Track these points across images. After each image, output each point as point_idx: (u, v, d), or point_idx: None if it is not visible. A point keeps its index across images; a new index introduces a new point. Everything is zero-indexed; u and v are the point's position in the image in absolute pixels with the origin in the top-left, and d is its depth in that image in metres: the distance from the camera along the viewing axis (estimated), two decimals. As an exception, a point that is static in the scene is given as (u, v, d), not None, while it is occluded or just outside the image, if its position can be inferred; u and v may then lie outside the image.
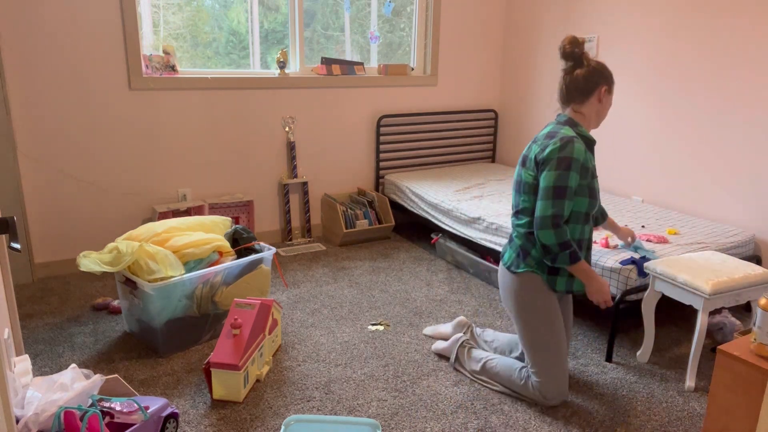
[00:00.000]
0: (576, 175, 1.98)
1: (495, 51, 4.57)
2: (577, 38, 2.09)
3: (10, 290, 1.81)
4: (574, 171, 1.97)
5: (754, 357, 1.60)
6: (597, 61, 2.12)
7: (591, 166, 2.05)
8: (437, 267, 3.55)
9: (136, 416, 1.79)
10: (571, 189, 1.98)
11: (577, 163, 1.97)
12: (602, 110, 2.12)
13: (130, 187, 3.45)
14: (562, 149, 1.97)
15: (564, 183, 1.97)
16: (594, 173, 2.08)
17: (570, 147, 1.97)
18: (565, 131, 2.03)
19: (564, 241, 1.98)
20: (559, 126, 2.07)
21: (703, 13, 3.12)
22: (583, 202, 2.03)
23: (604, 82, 2.08)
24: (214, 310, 2.59)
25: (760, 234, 2.98)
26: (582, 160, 1.99)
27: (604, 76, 2.09)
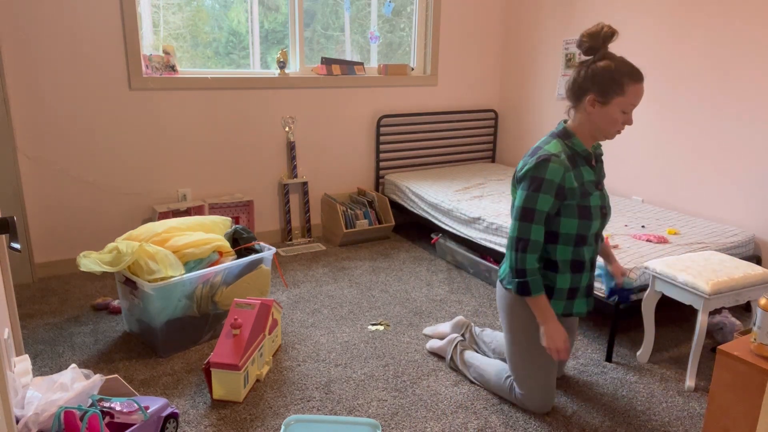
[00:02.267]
0: (548, 197, 1.84)
1: (495, 51, 4.57)
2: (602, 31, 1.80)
3: (10, 290, 1.81)
4: (545, 193, 1.84)
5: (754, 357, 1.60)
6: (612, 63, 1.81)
7: (575, 186, 1.87)
8: (437, 267, 3.55)
9: (136, 416, 1.79)
10: (539, 212, 1.85)
11: (550, 184, 1.83)
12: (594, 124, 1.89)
13: (130, 187, 3.45)
14: (536, 168, 1.85)
15: (531, 205, 1.85)
16: (587, 190, 1.90)
17: (543, 167, 1.83)
18: (549, 147, 1.89)
19: (520, 269, 1.88)
20: (549, 138, 1.94)
21: (703, 12, 3.12)
22: (571, 224, 1.90)
23: (594, 89, 1.83)
24: (214, 310, 2.59)
25: (760, 234, 2.98)
26: (558, 181, 1.83)
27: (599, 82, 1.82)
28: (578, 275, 2.00)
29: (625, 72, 1.80)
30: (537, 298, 1.90)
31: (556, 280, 1.99)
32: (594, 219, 1.92)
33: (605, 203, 1.99)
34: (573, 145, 1.92)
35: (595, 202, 1.93)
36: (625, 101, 1.82)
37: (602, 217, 1.98)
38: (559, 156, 1.86)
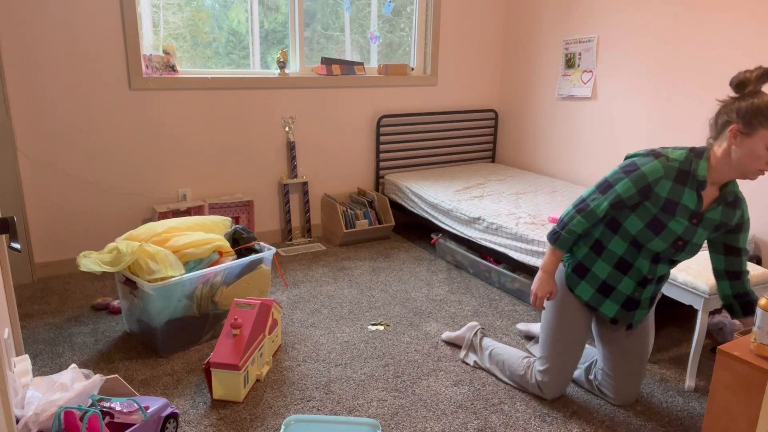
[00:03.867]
0: (631, 186, 1.83)
1: (495, 51, 4.57)
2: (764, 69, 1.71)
3: (10, 290, 1.81)
4: (630, 180, 1.83)
5: (754, 357, 1.60)
6: (763, 99, 1.69)
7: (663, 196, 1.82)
8: (437, 267, 3.55)
9: (136, 416, 1.79)
10: (615, 193, 1.85)
11: (640, 177, 1.82)
12: (735, 158, 1.75)
13: (130, 187, 3.45)
14: (641, 157, 1.85)
15: (613, 182, 1.87)
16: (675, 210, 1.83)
17: (646, 160, 1.83)
18: (672, 151, 1.85)
19: (565, 221, 1.94)
20: (683, 147, 1.87)
21: (703, 12, 3.12)
22: (636, 225, 1.87)
23: (741, 121, 1.73)
24: (214, 310, 2.59)
25: (760, 234, 2.98)
26: (650, 179, 1.81)
27: (746, 115, 1.71)
28: (620, 275, 1.97)
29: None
30: (555, 251, 1.97)
31: (594, 264, 2.00)
32: (660, 239, 1.87)
33: (688, 238, 1.86)
34: (695, 167, 1.82)
35: (676, 227, 1.85)
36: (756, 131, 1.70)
37: (674, 246, 1.88)
38: (671, 161, 1.82)
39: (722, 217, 1.88)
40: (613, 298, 2.01)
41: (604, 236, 1.97)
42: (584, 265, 2.02)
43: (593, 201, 1.90)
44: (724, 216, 1.88)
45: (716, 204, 1.87)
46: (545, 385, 2.13)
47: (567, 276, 2.07)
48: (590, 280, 2.02)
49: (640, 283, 1.97)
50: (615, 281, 1.99)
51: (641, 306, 2.03)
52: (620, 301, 2.01)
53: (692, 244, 1.89)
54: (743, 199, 1.92)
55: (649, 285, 1.98)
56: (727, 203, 1.88)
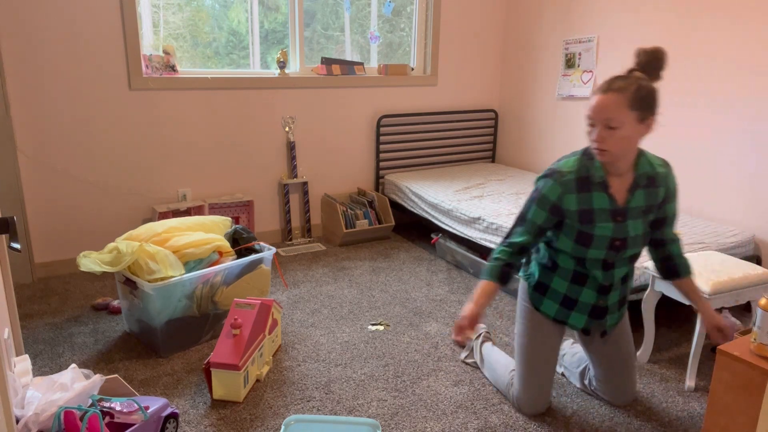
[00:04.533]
0: (541, 212, 1.84)
1: (495, 51, 4.57)
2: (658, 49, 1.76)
3: (10, 290, 1.81)
4: (537, 206, 1.85)
5: (754, 357, 1.60)
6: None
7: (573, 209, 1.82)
8: (437, 267, 3.55)
9: (136, 416, 1.79)
10: (528, 220, 1.87)
11: (543, 200, 1.84)
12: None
13: (130, 187, 3.45)
14: (540, 180, 1.88)
15: (524, 212, 1.90)
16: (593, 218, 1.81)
17: (543, 182, 1.85)
18: (563, 162, 1.87)
19: (493, 254, 1.92)
20: (575, 152, 1.89)
21: (703, 12, 3.12)
22: (566, 243, 1.87)
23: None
24: (214, 310, 2.59)
25: (760, 234, 2.98)
26: (554, 199, 1.82)
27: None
28: (579, 287, 1.95)
29: (598, 84, 1.79)
30: (483, 282, 1.91)
31: (552, 281, 1.99)
32: (595, 248, 1.84)
33: (623, 236, 1.83)
34: (592, 168, 1.83)
35: (603, 231, 1.82)
36: (586, 113, 1.78)
37: (612, 248, 1.84)
38: (564, 176, 1.82)
39: (646, 200, 1.85)
40: (578, 309, 1.98)
41: (553, 255, 1.97)
42: (543, 282, 2.01)
43: (513, 232, 1.92)
44: (647, 199, 1.85)
45: (633, 191, 1.83)
46: (521, 402, 2.09)
47: (530, 295, 2.05)
48: (552, 295, 2.00)
49: (600, 291, 1.95)
50: (575, 293, 1.96)
51: (610, 311, 1.99)
52: (586, 311, 1.98)
53: (633, 239, 1.85)
54: (664, 172, 1.87)
55: (611, 291, 1.95)
56: (646, 186, 1.85)
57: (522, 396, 2.09)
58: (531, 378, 2.07)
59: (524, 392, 2.09)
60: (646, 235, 1.91)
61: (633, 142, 1.75)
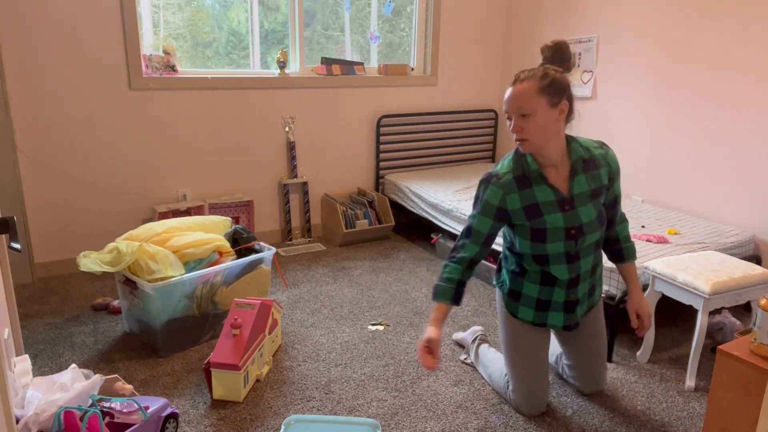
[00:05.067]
0: (485, 219, 1.86)
1: (495, 51, 4.57)
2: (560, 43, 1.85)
3: (10, 290, 1.81)
4: (482, 214, 1.87)
5: (754, 357, 1.60)
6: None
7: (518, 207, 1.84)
8: (437, 267, 3.55)
9: (136, 416, 1.79)
10: (476, 231, 1.88)
11: (487, 206, 1.86)
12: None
13: (130, 187, 3.45)
14: (479, 188, 1.90)
15: (470, 223, 1.90)
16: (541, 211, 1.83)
17: (483, 188, 1.88)
18: (500, 165, 1.90)
19: (441, 270, 1.92)
20: (509, 154, 1.93)
21: (703, 12, 3.12)
22: (524, 244, 1.89)
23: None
24: (214, 310, 2.59)
25: (760, 234, 2.98)
26: (496, 203, 1.84)
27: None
28: (549, 288, 1.97)
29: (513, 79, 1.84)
30: (437, 304, 1.89)
31: (523, 287, 2.01)
32: (552, 241, 1.85)
33: (575, 223, 1.84)
34: (525, 164, 1.87)
35: (555, 223, 1.84)
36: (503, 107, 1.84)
37: (569, 238, 1.85)
38: (501, 177, 1.85)
39: (589, 184, 1.87)
40: (553, 308, 2.00)
41: (520, 260, 1.98)
42: (515, 289, 2.04)
43: (461, 246, 1.91)
44: (591, 182, 1.88)
45: (573, 178, 1.86)
46: (518, 404, 2.10)
47: (506, 303, 2.08)
48: (525, 301, 2.02)
49: (569, 285, 1.95)
50: (547, 295, 1.98)
51: (580, 303, 2.01)
52: (561, 308, 2.00)
53: (587, 225, 1.87)
54: (602, 153, 1.91)
55: (580, 283, 1.96)
56: (585, 170, 1.87)
57: (518, 398, 2.10)
58: (524, 382, 2.08)
59: (520, 395, 2.09)
60: (602, 219, 1.92)
61: (551, 128, 1.79)
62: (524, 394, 2.08)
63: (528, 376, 2.06)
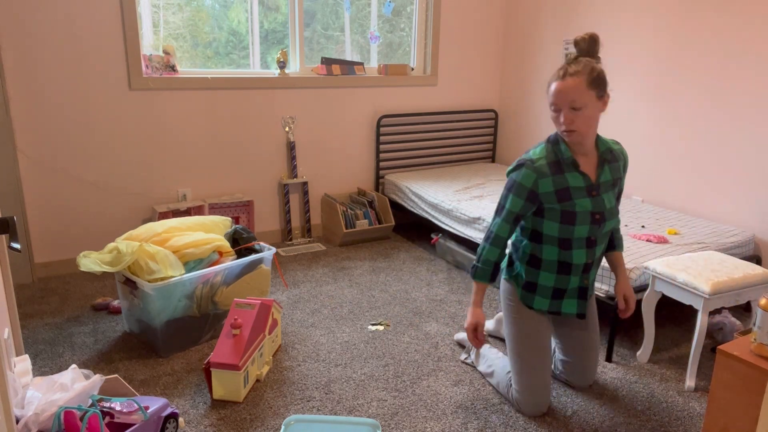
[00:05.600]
0: (518, 199, 1.94)
1: (495, 51, 4.57)
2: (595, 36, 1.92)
3: (10, 290, 1.81)
4: (514, 194, 1.95)
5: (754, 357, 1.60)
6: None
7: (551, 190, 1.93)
8: (437, 267, 3.55)
9: (136, 416, 1.79)
10: (508, 211, 1.97)
11: (519, 188, 1.94)
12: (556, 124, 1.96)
13: (130, 187, 3.45)
14: (513, 171, 1.97)
15: (503, 202, 1.99)
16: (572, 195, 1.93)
17: (518, 171, 1.95)
18: (533, 152, 1.98)
19: (479, 254, 2.03)
20: (540, 143, 2.01)
21: (704, 13, 3.12)
22: (553, 227, 1.96)
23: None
24: (214, 310, 2.59)
25: (760, 234, 2.98)
26: (529, 186, 1.92)
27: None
28: (565, 276, 2.04)
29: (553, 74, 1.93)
30: (477, 283, 2.04)
31: (539, 277, 2.06)
32: (579, 224, 1.95)
33: (600, 209, 1.97)
34: (559, 151, 1.96)
35: (583, 207, 1.94)
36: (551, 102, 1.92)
37: (594, 222, 1.96)
38: (535, 162, 1.94)
39: (612, 174, 2.02)
40: (568, 296, 2.08)
41: (536, 250, 2.04)
42: (531, 281, 2.08)
43: (495, 226, 2.01)
44: (613, 173, 2.02)
45: (601, 167, 1.99)
46: (522, 403, 2.10)
47: (521, 296, 2.11)
48: (542, 291, 2.08)
49: (584, 271, 2.05)
50: (564, 283, 2.06)
51: (590, 289, 2.12)
52: (576, 295, 2.09)
53: (609, 211, 2.00)
54: (618, 148, 2.08)
55: (592, 269, 2.07)
56: (610, 161, 2.02)
57: (522, 398, 2.09)
58: (530, 379, 2.07)
59: (524, 394, 2.09)
60: (616, 207, 2.06)
61: (595, 120, 1.91)
62: (530, 392, 2.07)
63: (534, 369, 2.07)
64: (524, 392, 2.09)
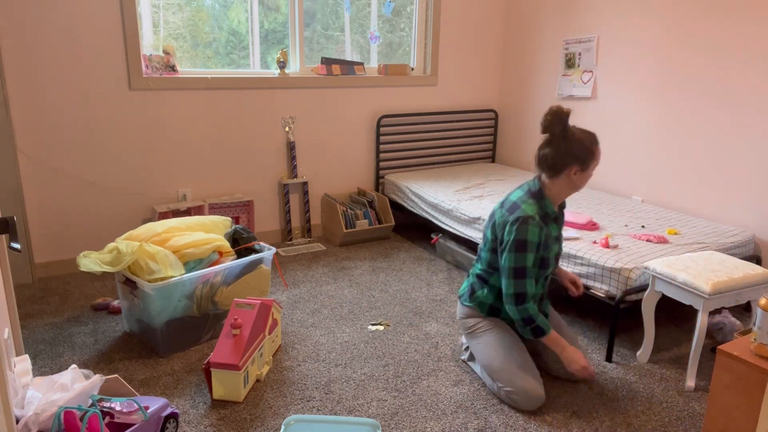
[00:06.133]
0: (531, 255, 2.09)
1: (495, 51, 4.57)
2: (561, 112, 2.04)
3: (10, 290, 1.81)
4: (530, 252, 2.08)
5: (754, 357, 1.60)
6: (580, 137, 2.06)
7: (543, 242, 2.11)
8: (437, 267, 3.55)
9: (136, 416, 1.79)
10: (529, 268, 2.10)
11: (532, 245, 2.08)
12: (575, 185, 2.13)
13: (130, 187, 3.45)
14: (519, 232, 2.07)
15: (522, 264, 2.09)
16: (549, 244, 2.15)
17: (524, 230, 2.06)
18: (526, 208, 2.09)
19: (527, 317, 2.11)
20: (525, 197, 2.14)
21: (703, 13, 3.12)
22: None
23: (576, 162, 2.06)
24: (214, 310, 2.59)
25: (760, 234, 2.98)
26: (537, 240, 2.08)
27: (578, 156, 2.05)
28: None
29: (593, 141, 2.09)
30: (550, 335, 2.14)
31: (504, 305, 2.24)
32: (549, 266, 2.20)
33: (560, 249, 2.27)
34: (545, 206, 2.14)
35: (553, 252, 2.20)
36: (596, 163, 2.11)
37: (555, 261, 2.25)
38: (536, 218, 2.09)
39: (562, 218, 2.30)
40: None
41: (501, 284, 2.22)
42: (496, 307, 2.29)
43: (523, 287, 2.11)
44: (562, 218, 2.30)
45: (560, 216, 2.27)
46: (522, 404, 2.12)
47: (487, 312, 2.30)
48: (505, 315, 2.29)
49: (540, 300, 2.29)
50: None
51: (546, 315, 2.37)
52: None
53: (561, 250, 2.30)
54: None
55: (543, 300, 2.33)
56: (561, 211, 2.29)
57: (518, 396, 2.11)
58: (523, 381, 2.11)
59: (522, 395, 2.10)
60: None
61: None
62: (524, 389, 2.10)
63: (522, 369, 2.14)
64: (522, 393, 2.10)
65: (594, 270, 2.56)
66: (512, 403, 2.14)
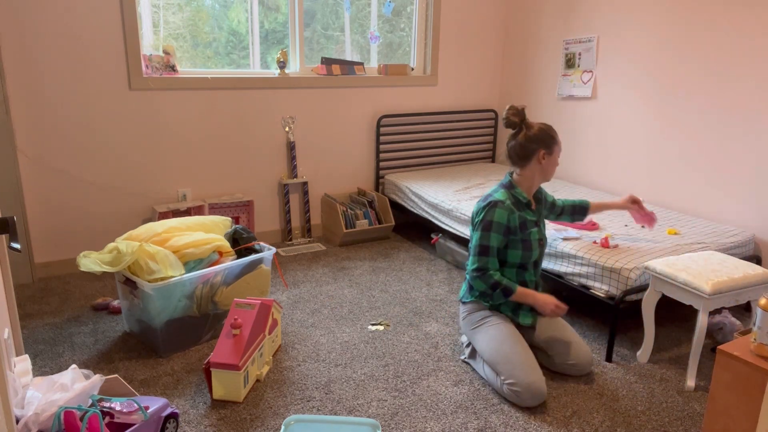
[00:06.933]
0: (496, 235, 2.28)
1: (495, 51, 4.57)
2: (517, 107, 2.31)
3: (10, 290, 1.81)
4: (494, 232, 2.27)
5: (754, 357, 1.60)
6: (539, 126, 2.31)
7: (517, 224, 2.29)
8: (437, 267, 3.55)
9: (136, 416, 1.79)
10: (492, 247, 2.28)
11: (497, 225, 2.27)
12: (545, 171, 2.35)
13: (130, 187, 3.45)
14: (487, 214, 2.29)
15: (486, 243, 2.29)
16: (528, 227, 2.31)
17: (492, 212, 2.28)
18: (497, 195, 2.32)
19: (492, 283, 2.29)
20: (498, 188, 2.37)
21: (703, 13, 3.12)
22: (516, 254, 2.33)
23: (542, 146, 2.30)
24: (214, 310, 2.59)
25: (760, 234, 2.98)
26: (504, 222, 2.27)
27: (542, 141, 2.29)
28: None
29: (551, 128, 2.34)
30: (518, 292, 2.29)
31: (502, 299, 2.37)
32: (534, 249, 2.33)
33: (542, 236, 2.41)
34: (516, 194, 2.34)
35: (535, 236, 2.33)
36: (559, 149, 2.36)
37: (540, 246, 2.38)
38: (505, 202, 2.29)
39: (543, 207, 2.50)
40: (523, 309, 2.39)
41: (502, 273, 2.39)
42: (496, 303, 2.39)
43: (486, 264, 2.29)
44: (544, 205, 2.50)
45: (537, 204, 2.44)
46: (525, 400, 2.13)
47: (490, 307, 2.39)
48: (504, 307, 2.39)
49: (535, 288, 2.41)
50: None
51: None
52: (528, 308, 2.39)
53: (545, 237, 2.45)
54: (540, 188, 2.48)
55: (538, 287, 2.45)
56: (539, 200, 2.46)
57: (520, 392, 2.11)
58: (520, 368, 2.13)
59: (522, 387, 2.11)
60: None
61: None
62: (527, 384, 2.11)
63: (524, 364, 2.15)
64: (524, 387, 2.11)
65: (594, 270, 2.56)
66: (514, 397, 2.14)
